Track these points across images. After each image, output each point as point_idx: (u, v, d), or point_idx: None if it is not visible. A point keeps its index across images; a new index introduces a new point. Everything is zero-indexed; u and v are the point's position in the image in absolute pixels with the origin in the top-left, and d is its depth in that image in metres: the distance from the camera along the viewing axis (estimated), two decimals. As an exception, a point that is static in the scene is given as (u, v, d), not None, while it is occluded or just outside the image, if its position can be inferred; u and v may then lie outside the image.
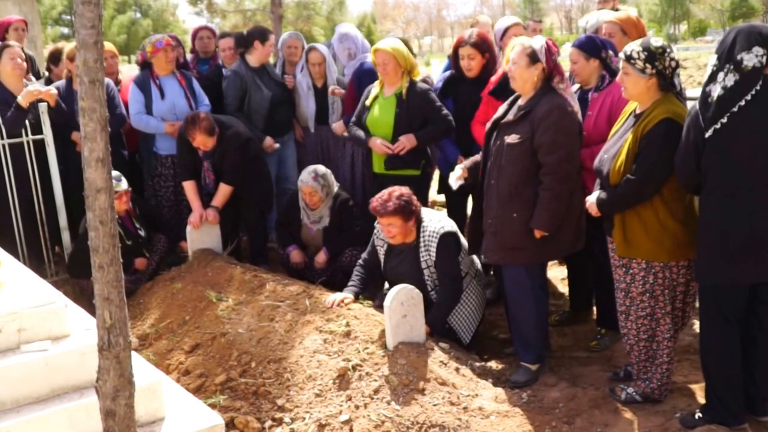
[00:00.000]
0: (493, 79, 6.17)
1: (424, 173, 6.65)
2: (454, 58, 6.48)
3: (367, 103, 6.50)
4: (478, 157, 5.48)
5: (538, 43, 4.85)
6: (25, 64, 6.78)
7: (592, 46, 5.30)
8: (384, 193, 5.38)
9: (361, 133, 6.52)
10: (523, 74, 4.85)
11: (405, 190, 5.39)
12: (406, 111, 6.31)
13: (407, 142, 6.28)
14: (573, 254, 5.28)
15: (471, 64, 6.29)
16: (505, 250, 4.98)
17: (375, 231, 5.68)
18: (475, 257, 5.72)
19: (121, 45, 49.05)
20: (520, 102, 4.97)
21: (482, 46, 6.27)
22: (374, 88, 6.52)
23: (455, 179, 5.50)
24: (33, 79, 7.14)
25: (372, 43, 7.58)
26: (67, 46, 7.33)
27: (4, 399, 3.55)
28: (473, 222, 5.32)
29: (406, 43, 7.01)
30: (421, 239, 5.42)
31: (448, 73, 6.68)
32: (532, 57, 4.81)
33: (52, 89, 6.80)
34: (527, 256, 4.99)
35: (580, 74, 5.39)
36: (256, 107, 7.47)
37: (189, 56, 8.58)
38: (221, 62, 8.33)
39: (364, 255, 5.82)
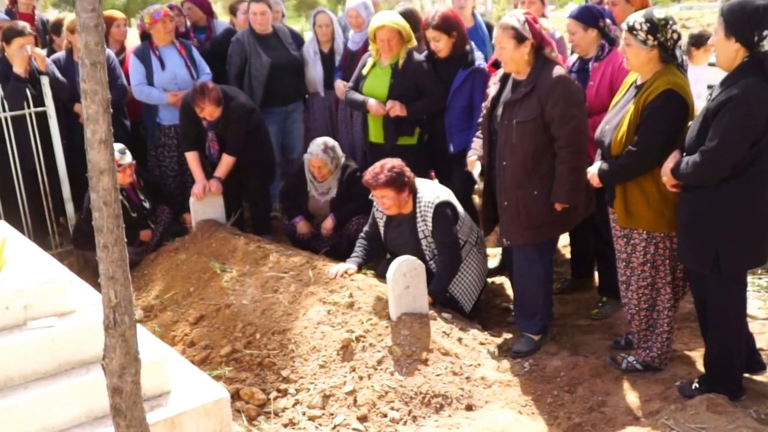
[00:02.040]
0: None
1: (421, 142, 6.64)
2: (426, 40, 6.32)
3: (364, 72, 6.50)
4: (479, 140, 5.49)
5: (518, 21, 4.81)
6: (30, 53, 6.73)
7: (589, 16, 5.28)
8: (376, 166, 5.39)
9: (358, 96, 6.54)
10: (514, 56, 4.85)
11: (397, 161, 5.41)
12: (400, 81, 6.31)
13: (399, 108, 6.27)
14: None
15: (438, 46, 6.12)
16: (530, 230, 4.98)
17: (374, 203, 5.70)
18: (474, 224, 5.74)
19: (120, 8, 48.62)
20: (518, 78, 4.95)
21: (445, 26, 6.05)
22: (370, 58, 6.51)
23: (478, 174, 5.41)
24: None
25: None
26: (68, 18, 7.32)
27: (12, 375, 3.59)
28: (486, 203, 5.32)
29: (414, 14, 7.01)
30: (417, 210, 5.44)
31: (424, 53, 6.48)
32: (518, 37, 4.79)
33: (39, 50, 6.78)
34: (551, 230, 5.05)
35: (580, 45, 5.37)
36: (256, 74, 7.48)
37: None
38: (232, 26, 8.35)
39: (365, 227, 5.84)
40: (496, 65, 5.85)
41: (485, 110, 5.20)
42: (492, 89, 5.18)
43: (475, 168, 5.35)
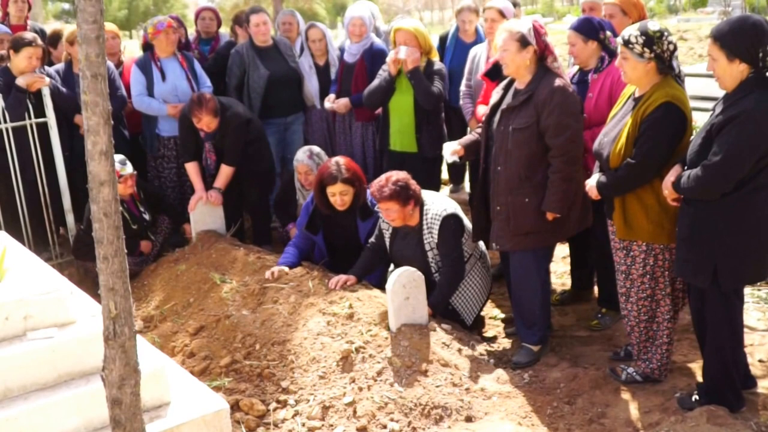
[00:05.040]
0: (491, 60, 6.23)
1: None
2: (324, 200, 5.92)
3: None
4: (473, 136, 5.52)
5: (525, 26, 4.87)
6: (39, 63, 6.77)
7: (590, 28, 5.29)
8: (382, 178, 5.39)
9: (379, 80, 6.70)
10: (515, 59, 4.88)
11: (402, 174, 5.40)
12: None
13: (414, 55, 6.42)
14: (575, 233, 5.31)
15: (344, 200, 5.83)
16: (518, 236, 5.00)
17: (380, 214, 5.70)
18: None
19: (122, 20, 48.90)
20: (519, 86, 4.98)
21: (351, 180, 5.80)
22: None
23: (450, 153, 5.49)
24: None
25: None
26: (67, 29, 7.34)
27: (12, 386, 3.59)
28: (477, 210, 5.33)
29: None
30: (424, 222, 5.43)
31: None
32: (522, 41, 4.83)
33: (46, 79, 6.79)
34: (540, 239, 5.03)
35: (579, 56, 5.39)
36: (254, 86, 7.51)
37: (192, 35, 8.60)
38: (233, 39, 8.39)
39: (371, 238, 5.84)
40: (489, 75, 5.90)
41: (484, 118, 5.23)
42: (494, 96, 5.20)
43: (450, 144, 5.49)
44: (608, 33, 5.27)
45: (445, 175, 9.32)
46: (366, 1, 7.87)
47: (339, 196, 5.77)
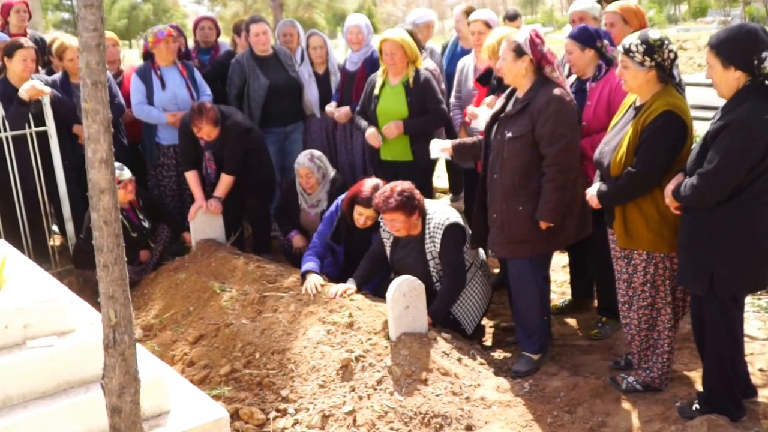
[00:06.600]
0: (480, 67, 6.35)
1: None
2: (349, 212, 6.00)
3: (376, 92, 6.57)
4: (469, 139, 5.55)
5: (521, 36, 4.87)
6: (34, 65, 6.77)
7: (587, 37, 5.30)
8: (386, 189, 5.38)
9: (363, 123, 6.72)
10: (511, 69, 4.89)
11: (407, 184, 5.40)
12: (416, 98, 6.46)
13: (395, 128, 6.46)
14: (574, 242, 5.31)
15: (368, 223, 5.93)
16: (512, 244, 5.01)
17: (381, 223, 5.69)
18: (480, 248, 5.75)
19: (121, 30, 49.06)
20: (518, 95, 4.99)
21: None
22: (378, 78, 6.57)
23: (437, 149, 5.53)
24: (40, 71, 7.15)
25: (373, 26, 7.70)
26: (56, 42, 7.35)
27: (11, 394, 3.59)
28: (477, 216, 5.34)
29: (413, 35, 7.08)
30: (427, 231, 5.43)
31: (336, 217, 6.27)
32: (518, 51, 4.84)
33: (47, 89, 6.78)
34: (534, 248, 5.02)
35: (577, 65, 5.39)
36: (254, 95, 7.52)
37: (191, 44, 8.61)
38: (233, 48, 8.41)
39: (371, 246, 5.84)
40: (481, 80, 5.93)
41: (485, 125, 5.24)
42: (496, 105, 5.22)
43: (439, 142, 5.58)
44: (605, 41, 5.28)
45: (445, 183, 9.34)
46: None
47: (365, 218, 5.82)
